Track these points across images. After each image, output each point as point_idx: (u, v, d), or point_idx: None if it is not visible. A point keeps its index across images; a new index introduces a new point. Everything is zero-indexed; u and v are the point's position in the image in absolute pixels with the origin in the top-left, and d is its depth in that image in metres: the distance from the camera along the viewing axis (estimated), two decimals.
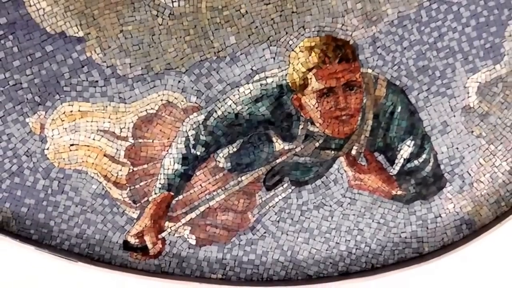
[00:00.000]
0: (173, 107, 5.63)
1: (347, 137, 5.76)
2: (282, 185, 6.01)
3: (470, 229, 6.24)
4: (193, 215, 5.90)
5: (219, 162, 5.76)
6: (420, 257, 6.21)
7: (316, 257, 6.18)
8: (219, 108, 5.56)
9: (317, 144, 5.79)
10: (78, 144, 5.70)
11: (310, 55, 5.45)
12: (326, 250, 6.14)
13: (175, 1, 5.32)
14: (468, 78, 5.60)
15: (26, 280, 6.52)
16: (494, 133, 5.91)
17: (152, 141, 5.72)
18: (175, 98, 5.60)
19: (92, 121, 5.66)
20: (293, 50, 5.47)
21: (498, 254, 6.31)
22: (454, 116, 5.80)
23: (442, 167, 5.89)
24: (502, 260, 6.34)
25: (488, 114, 5.75)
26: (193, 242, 6.01)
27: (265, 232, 6.04)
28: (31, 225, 5.90)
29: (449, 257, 6.20)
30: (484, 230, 6.14)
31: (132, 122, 5.64)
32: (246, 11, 5.45)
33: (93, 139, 5.70)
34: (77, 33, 5.38)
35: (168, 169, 5.76)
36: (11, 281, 6.41)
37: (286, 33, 5.49)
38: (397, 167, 5.88)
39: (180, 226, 5.94)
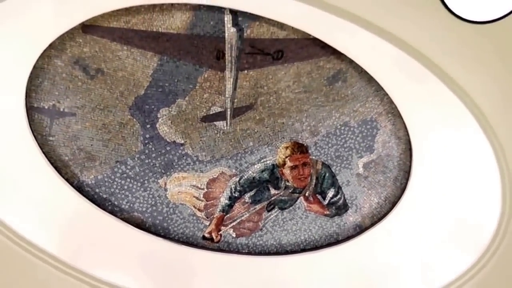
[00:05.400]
0: (224, 174, 9.19)
1: (303, 187, 9.25)
2: (274, 209, 9.59)
3: (360, 228, 9.49)
4: (234, 223, 9.50)
5: (245, 199, 9.38)
6: (337, 242, 9.59)
7: (290, 241, 9.70)
8: (245, 175, 9.18)
9: (290, 190, 9.31)
10: (181, 192, 9.27)
11: (286, 150, 8.96)
12: (295, 237, 9.66)
13: (225, 127, 8.73)
14: (359, 160, 9.01)
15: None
16: (370, 185, 9.13)
17: (215, 190, 9.28)
18: (224, 170, 9.15)
19: (188, 181, 9.22)
20: (278, 148, 8.98)
21: (376, 241, 9.26)
22: (352, 178, 9.16)
23: (347, 201, 9.36)
24: (378, 247, 9.26)
25: (368, 176, 9.02)
26: (234, 235, 9.63)
27: (266, 231, 9.64)
28: (157, 228, 9.42)
29: (351, 242, 9.40)
30: (365, 229, 9.34)
31: (206, 181, 9.29)
32: (257, 131, 8.78)
33: (188, 189, 9.26)
34: (181, 141, 8.91)
35: (222, 202, 9.34)
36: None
37: (275, 140, 8.94)
38: (326, 201, 9.39)
39: (228, 228, 9.51)
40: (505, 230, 7.92)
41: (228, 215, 9.40)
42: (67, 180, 8.98)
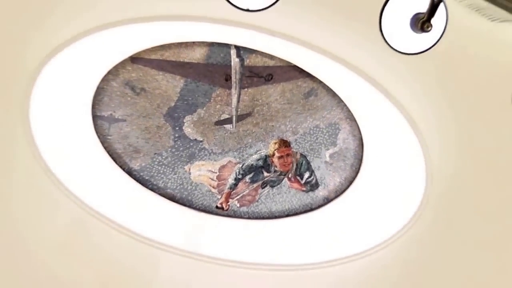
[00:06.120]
0: (231, 162, 9.07)
1: (287, 171, 9.11)
2: (267, 186, 9.38)
3: (327, 200, 9.28)
4: (238, 197, 9.34)
5: (246, 180, 9.21)
6: (311, 209, 9.37)
7: (278, 209, 9.46)
8: (246, 163, 9.03)
9: (278, 173, 9.15)
10: (201, 175, 9.14)
11: (275, 145, 8.86)
12: (281, 207, 9.42)
13: (231, 128, 8.67)
14: (326, 152, 8.94)
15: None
16: (334, 169, 9.02)
17: (224, 173, 9.14)
18: (231, 159, 9.04)
19: (205, 167, 9.10)
20: (269, 143, 8.87)
21: (339, 209, 9.17)
22: (321, 164, 9.03)
23: (318, 181, 9.18)
24: (340, 212, 9.20)
25: (332, 163, 8.89)
26: (238, 205, 9.43)
27: (261, 202, 9.42)
28: (183, 200, 9.29)
29: (320, 210, 9.25)
30: (331, 201, 9.15)
31: (218, 167, 9.14)
32: (254, 131, 8.70)
33: (205, 173, 9.12)
34: (200, 138, 8.80)
35: (229, 182, 9.19)
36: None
37: (267, 138, 8.84)
38: (303, 181, 9.18)
39: (234, 200, 9.35)
40: (428, 199, 7.92)
41: (234, 191, 9.31)
42: (120, 166, 8.93)
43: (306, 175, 9.12)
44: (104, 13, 6.45)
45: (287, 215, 9.50)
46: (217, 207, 9.46)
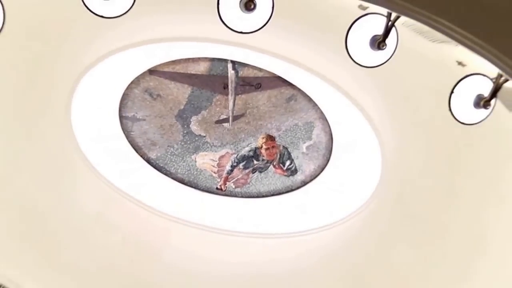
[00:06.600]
0: (228, 153, 9.00)
1: (272, 160, 9.02)
2: (256, 172, 9.26)
3: (304, 182, 9.15)
4: (233, 180, 9.28)
5: (240, 167, 9.12)
6: (291, 190, 9.24)
7: (265, 190, 9.37)
8: (240, 153, 8.96)
9: (265, 162, 9.06)
10: (204, 163, 9.08)
11: (263, 139, 8.78)
12: (268, 188, 9.33)
13: (228, 126, 8.58)
14: (303, 144, 8.80)
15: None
16: (309, 159, 8.94)
17: (223, 162, 9.06)
18: (228, 151, 8.97)
19: (208, 157, 9.03)
20: (258, 138, 8.80)
21: (313, 189, 9.10)
22: (299, 154, 8.93)
23: (297, 168, 9.06)
24: (314, 192, 9.10)
25: (308, 154, 8.77)
26: (233, 187, 9.35)
27: (252, 184, 9.34)
28: (191, 183, 9.30)
29: (299, 190, 9.17)
30: (307, 183, 9.06)
31: (218, 157, 9.06)
32: (246, 128, 8.63)
33: (208, 161, 9.08)
34: (204, 134, 8.75)
35: (227, 169, 9.11)
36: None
37: (256, 134, 8.79)
38: (285, 168, 9.06)
39: (230, 183, 9.29)
40: (382, 181, 7.93)
41: (230, 176, 9.28)
42: (140, 156, 8.97)
43: (288, 163, 9.05)
44: (128, 35, 6.66)
45: (272, 195, 9.48)
46: (217, 188, 9.44)
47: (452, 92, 4.14)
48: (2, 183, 7.34)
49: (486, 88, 4.10)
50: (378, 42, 4.14)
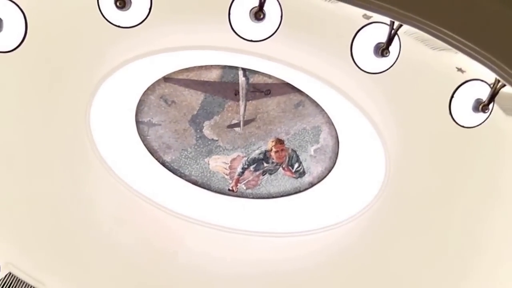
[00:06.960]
0: (239, 156, 8.94)
1: (281, 162, 8.97)
2: (266, 174, 9.21)
3: (312, 184, 9.07)
4: (244, 182, 9.22)
5: (251, 169, 9.07)
6: (299, 191, 9.21)
7: (275, 191, 9.27)
8: (250, 156, 8.90)
9: (274, 164, 9.01)
10: (217, 165, 9.01)
11: (272, 142, 8.71)
12: (277, 189, 9.22)
13: (240, 131, 8.51)
14: (311, 147, 8.74)
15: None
16: (317, 161, 8.85)
17: (235, 164, 9.00)
18: (239, 154, 8.92)
19: (220, 160, 8.96)
20: (268, 141, 8.71)
21: (321, 190, 9.03)
22: (308, 157, 8.87)
23: (305, 170, 9.00)
24: (321, 193, 9.00)
25: (316, 156, 8.73)
26: (245, 188, 9.30)
27: (262, 186, 9.25)
28: (204, 185, 9.22)
29: (307, 191, 9.07)
30: (315, 185, 9.00)
31: (230, 160, 8.98)
32: (256, 133, 8.58)
33: (221, 164, 9.02)
34: (216, 138, 8.70)
35: (238, 171, 9.05)
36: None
37: (266, 137, 8.74)
38: (294, 170, 9.03)
39: (241, 185, 9.22)
40: (386, 183, 7.89)
41: (241, 177, 9.28)
42: (156, 159, 8.97)
43: (296, 165, 9.04)
44: (145, 44, 6.69)
45: (282, 196, 9.42)
46: (229, 189, 9.45)
47: (452, 96, 4.18)
48: (26, 185, 7.51)
49: (484, 93, 4.16)
50: (382, 50, 4.19)
